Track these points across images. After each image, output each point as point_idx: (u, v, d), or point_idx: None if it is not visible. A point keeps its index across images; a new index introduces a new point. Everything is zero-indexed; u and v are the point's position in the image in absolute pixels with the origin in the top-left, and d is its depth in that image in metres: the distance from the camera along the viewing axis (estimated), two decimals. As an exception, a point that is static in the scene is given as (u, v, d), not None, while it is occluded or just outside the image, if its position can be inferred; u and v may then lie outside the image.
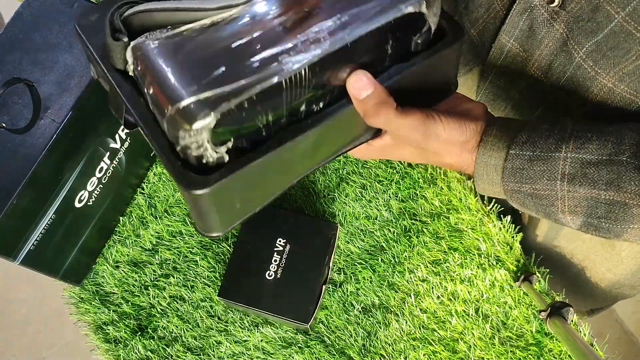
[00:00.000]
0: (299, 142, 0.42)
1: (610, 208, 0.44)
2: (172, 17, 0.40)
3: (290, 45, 0.38)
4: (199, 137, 0.37)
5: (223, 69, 0.37)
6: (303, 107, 0.41)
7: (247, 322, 0.70)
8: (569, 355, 0.66)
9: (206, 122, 0.36)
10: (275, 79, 0.37)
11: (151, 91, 0.38)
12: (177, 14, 0.40)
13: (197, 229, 0.46)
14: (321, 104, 0.43)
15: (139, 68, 0.38)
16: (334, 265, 0.71)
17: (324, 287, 0.64)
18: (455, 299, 0.69)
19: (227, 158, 0.39)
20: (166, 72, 0.37)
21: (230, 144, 0.39)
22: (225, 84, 0.36)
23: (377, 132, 0.50)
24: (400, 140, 0.49)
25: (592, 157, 0.44)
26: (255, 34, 0.38)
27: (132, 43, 0.39)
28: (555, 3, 0.49)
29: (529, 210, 0.50)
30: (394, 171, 0.75)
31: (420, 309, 0.69)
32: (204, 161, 0.39)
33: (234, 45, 0.38)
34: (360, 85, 0.42)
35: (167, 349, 0.69)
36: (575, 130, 0.46)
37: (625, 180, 0.43)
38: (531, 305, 0.68)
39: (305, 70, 0.38)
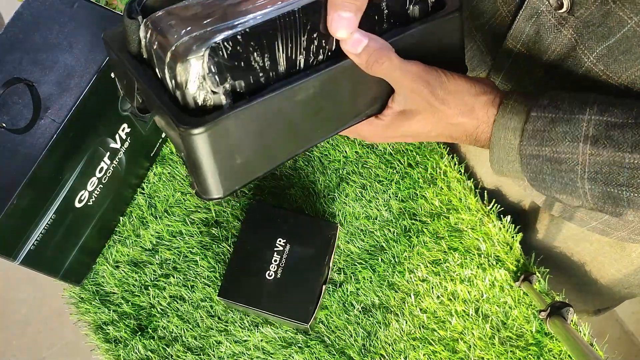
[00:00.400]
0: (298, 92, 0.43)
1: (634, 173, 0.42)
2: None
3: None
4: (195, 71, 0.38)
5: (217, 15, 0.39)
6: (301, 57, 0.42)
7: (247, 322, 0.70)
8: (569, 355, 0.66)
9: (199, 54, 0.37)
10: (266, 17, 0.39)
11: (155, 46, 0.40)
12: None
13: (196, 192, 0.45)
14: (320, 57, 0.43)
15: (148, 36, 0.41)
16: (334, 265, 0.71)
17: (324, 287, 0.64)
18: (455, 298, 0.69)
19: (225, 101, 0.40)
20: (168, 27, 0.39)
21: (227, 85, 0.40)
22: (218, 22, 0.39)
23: (382, 108, 0.50)
24: (405, 102, 0.47)
25: (617, 119, 0.43)
26: None
27: (146, 19, 0.41)
28: (564, 9, 0.48)
29: (543, 181, 0.47)
30: (394, 171, 0.75)
31: (420, 309, 0.69)
32: (203, 103, 0.40)
33: (229, 2, 0.41)
34: (354, 40, 0.42)
35: (167, 348, 0.69)
36: (598, 97, 0.45)
37: None
38: (531, 305, 0.68)
39: (298, 12, 0.40)
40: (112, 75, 0.59)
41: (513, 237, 0.71)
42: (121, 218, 0.75)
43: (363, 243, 0.72)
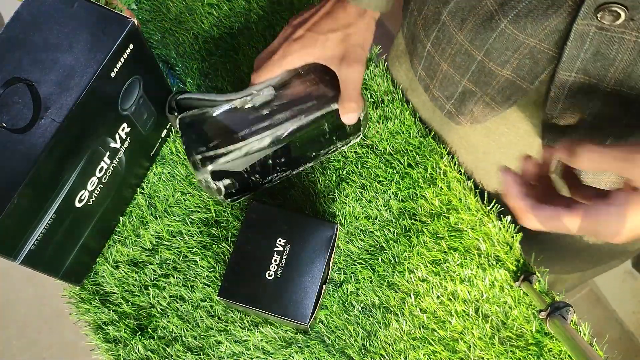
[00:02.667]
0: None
1: None
2: (202, 103, 0.67)
3: (260, 126, 0.65)
4: (204, 176, 0.65)
5: (220, 140, 0.65)
6: (270, 162, 0.68)
7: (247, 321, 0.70)
8: (569, 355, 0.66)
9: (206, 170, 0.65)
10: (245, 149, 0.65)
11: (184, 146, 0.66)
12: (203, 102, 0.66)
13: None
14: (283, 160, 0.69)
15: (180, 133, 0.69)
16: (334, 265, 0.71)
17: (324, 287, 0.64)
18: (455, 298, 0.69)
19: (225, 187, 0.67)
20: (190, 137, 0.66)
21: (227, 181, 0.66)
22: (219, 148, 0.64)
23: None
24: None
25: None
26: (240, 119, 0.66)
27: (179, 116, 0.67)
28: (622, 19, 0.45)
29: None
30: (394, 171, 0.75)
31: (420, 309, 0.69)
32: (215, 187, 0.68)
33: (228, 124, 0.66)
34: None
35: (167, 348, 0.69)
36: None
37: None
38: (531, 305, 0.68)
39: (268, 144, 0.66)
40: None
41: (513, 237, 0.71)
42: (121, 218, 0.75)
43: (363, 243, 0.72)
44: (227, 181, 0.66)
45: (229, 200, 0.69)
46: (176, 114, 0.67)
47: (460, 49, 0.60)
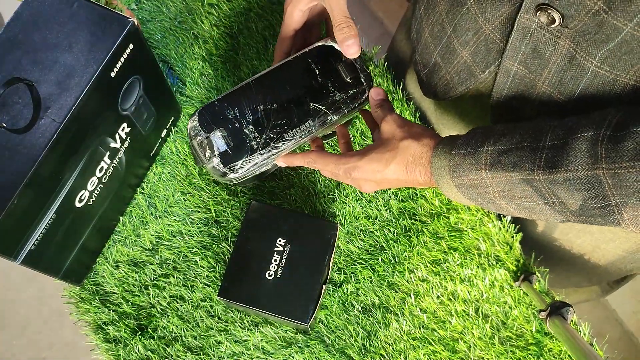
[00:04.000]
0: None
1: (524, 187, 0.50)
2: None
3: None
4: (193, 124, 0.64)
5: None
6: (261, 107, 0.65)
7: (247, 322, 0.70)
8: (569, 355, 0.66)
9: (195, 118, 0.64)
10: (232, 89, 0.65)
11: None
12: None
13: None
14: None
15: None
16: (334, 265, 0.71)
17: (324, 287, 0.64)
18: (455, 298, 0.69)
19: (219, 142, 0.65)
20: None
21: (219, 134, 0.64)
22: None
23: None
24: (384, 134, 0.61)
25: (504, 146, 0.51)
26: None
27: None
28: (557, 23, 0.50)
29: (481, 204, 0.55)
30: (394, 171, 0.75)
31: (420, 309, 0.69)
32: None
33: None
34: (377, 95, 0.65)
35: (167, 348, 0.69)
36: (503, 127, 0.53)
37: (524, 161, 0.49)
38: (531, 305, 0.68)
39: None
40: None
41: (513, 237, 0.71)
42: (121, 218, 0.75)
43: (363, 243, 0.72)
44: (219, 133, 0.62)
45: (227, 168, 0.62)
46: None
47: (439, 18, 0.65)
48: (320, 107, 0.64)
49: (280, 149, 0.63)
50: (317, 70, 0.65)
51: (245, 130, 0.62)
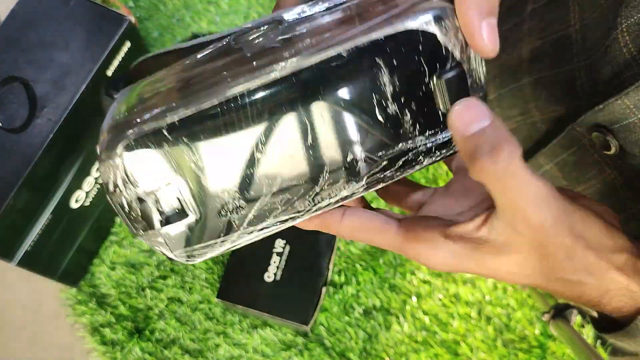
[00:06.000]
0: None
1: None
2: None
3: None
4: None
5: None
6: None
7: (246, 324, 0.69)
8: (573, 358, 0.65)
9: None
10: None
11: None
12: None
13: None
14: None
15: None
16: (334, 267, 0.71)
17: (324, 288, 0.63)
18: (457, 300, 0.68)
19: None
20: None
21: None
22: None
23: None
24: (509, 233, 0.30)
25: None
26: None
27: None
28: (612, 151, 0.41)
29: None
30: (395, 171, 0.74)
31: (422, 311, 0.68)
32: None
33: None
34: (471, 116, 0.28)
35: (164, 351, 0.69)
36: None
37: None
38: (534, 307, 0.68)
39: None
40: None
41: (515, 238, 0.70)
42: (118, 219, 0.74)
43: (363, 244, 0.72)
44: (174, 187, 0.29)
45: (183, 252, 0.32)
46: None
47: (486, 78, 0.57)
48: (377, 158, 0.30)
49: (285, 223, 0.31)
50: (390, 84, 0.29)
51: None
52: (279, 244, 0.64)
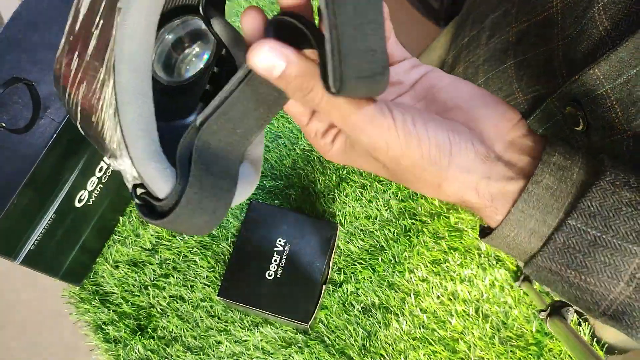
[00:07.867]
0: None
1: None
2: None
3: None
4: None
5: None
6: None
7: (247, 322, 0.70)
8: (569, 355, 0.66)
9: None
10: None
11: None
12: None
13: None
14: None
15: None
16: (334, 265, 0.71)
17: (323, 287, 0.64)
18: (455, 298, 0.69)
19: None
20: None
21: None
22: None
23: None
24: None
25: None
26: None
27: None
28: (580, 127, 0.42)
29: (554, 291, 0.37)
30: (394, 171, 0.75)
31: (420, 309, 0.69)
32: None
33: None
34: (266, 61, 0.27)
35: (167, 348, 0.69)
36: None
37: None
38: (531, 305, 0.68)
39: None
40: None
41: (513, 236, 0.71)
42: (121, 218, 0.75)
43: (363, 243, 0.72)
44: None
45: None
46: None
47: (476, 61, 0.59)
48: None
49: None
50: None
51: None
52: (280, 242, 0.65)
